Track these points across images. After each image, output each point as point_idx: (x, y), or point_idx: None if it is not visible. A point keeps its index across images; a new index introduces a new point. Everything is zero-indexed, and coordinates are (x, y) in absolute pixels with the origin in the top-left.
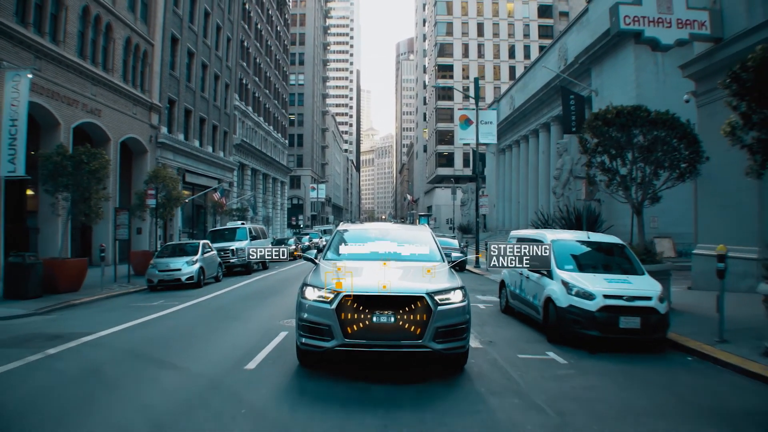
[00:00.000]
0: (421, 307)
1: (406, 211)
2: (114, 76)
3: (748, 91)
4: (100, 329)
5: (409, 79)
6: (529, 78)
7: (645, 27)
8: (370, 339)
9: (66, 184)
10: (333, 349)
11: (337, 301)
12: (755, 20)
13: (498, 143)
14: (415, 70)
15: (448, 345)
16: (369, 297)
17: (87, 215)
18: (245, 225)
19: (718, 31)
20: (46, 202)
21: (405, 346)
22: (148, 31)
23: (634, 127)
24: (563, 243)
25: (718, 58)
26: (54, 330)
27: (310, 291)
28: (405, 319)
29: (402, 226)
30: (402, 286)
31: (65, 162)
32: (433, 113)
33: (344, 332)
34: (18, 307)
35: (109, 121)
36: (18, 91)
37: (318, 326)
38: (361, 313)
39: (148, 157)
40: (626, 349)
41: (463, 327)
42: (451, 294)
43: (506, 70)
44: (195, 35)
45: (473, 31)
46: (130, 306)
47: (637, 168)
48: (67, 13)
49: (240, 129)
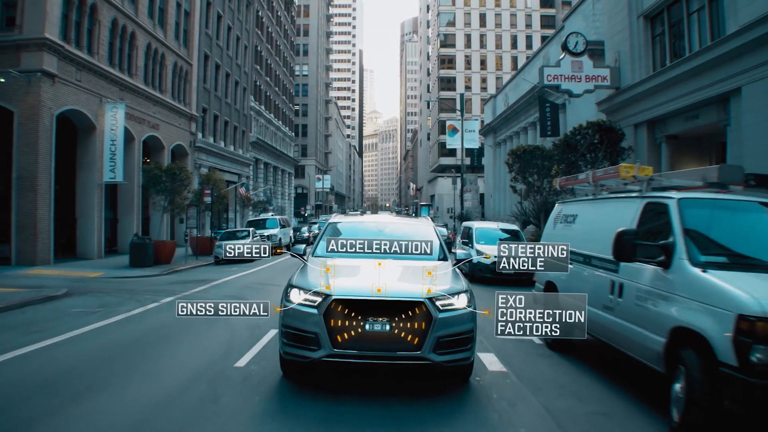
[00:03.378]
0: (421, 313)
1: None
2: (166, 95)
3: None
4: (218, 278)
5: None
6: (520, 79)
7: (561, 82)
8: (363, 349)
9: (162, 190)
10: (320, 361)
11: (325, 305)
12: (636, 78)
13: (494, 136)
14: (420, 55)
15: (450, 357)
16: (361, 302)
17: (174, 211)
18: (275, 216)
19: (616, 82)
20: (150, 201)
21: (401, 358)
22: (188, 54)
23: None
24: (483, 229)
25: (617, 100)
26: (195, 278)
27: (296, 293)
28: (402, 327)
29: (401, 218)
30: (399, 290)
31: (160, 173)
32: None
33: (333, 341)
34: (146, 271)
35: (164, 133)
36: (116, 119)
37: (303, 334)
38: (353, 319)
39: (188, 159)
40: (507, 283)
41: (468, 336)
42: (454, 298)
43: (508, 60)
44: (221, 50)
45: (476, 22)
46: (216, 270)
47: (537, 181)
48: (137, 52)
49: (255, 127)
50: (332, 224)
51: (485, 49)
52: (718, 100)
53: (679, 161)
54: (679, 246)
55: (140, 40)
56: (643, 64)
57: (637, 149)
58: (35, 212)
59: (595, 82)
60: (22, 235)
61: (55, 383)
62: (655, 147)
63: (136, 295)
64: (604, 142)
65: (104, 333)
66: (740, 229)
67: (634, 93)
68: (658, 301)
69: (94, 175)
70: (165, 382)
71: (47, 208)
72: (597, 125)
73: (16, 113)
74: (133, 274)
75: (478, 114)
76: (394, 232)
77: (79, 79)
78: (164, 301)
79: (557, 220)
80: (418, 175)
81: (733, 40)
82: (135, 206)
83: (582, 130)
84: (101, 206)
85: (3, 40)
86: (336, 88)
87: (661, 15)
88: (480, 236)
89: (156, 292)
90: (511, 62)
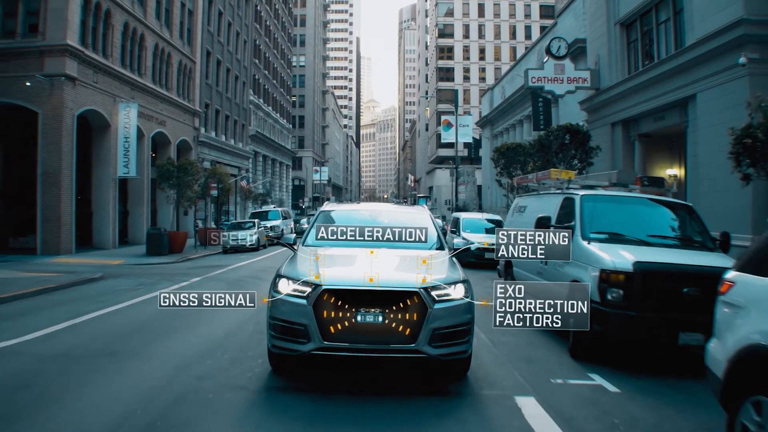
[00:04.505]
0: (415, 304)
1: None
2: (172, 92)
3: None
4: (232, 264)
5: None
6: (516, 72)
7: (545, 84)
8: (354, 342)
9: (174, 184)
10: (310, 354)
11: (315, 296)
12: (614, 80)
13: (492, 128)
14: (418, 45)
15: (446, 350)
16: (353, 292)
17: (185, 203)
18: (277, 208)
19: (596, 83)
20: (161, 195)
21: (395, 351)
22: (191, 52)
23: (516, 155)
24: (469, 219)
25: (596, 100)
26: (210, 264)
27: (284, 284)
28: (395, 318)
29: (396, 206)
30: (392, 279)
31: (172, 168)
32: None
33: (323, 333)
34: (163, 259)
35: (170, 128)
36: (129, 117)
37: (292, 326)
38: (344, 311)
39: (192, 153)
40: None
41: (465, 329)
42: (450, 289)
43: (507, 50)
44: (222, 46)
45: (474, 12)
46: (226, 258)
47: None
48: (146, 52)
49: (254, 120)
50: (324, 212)
51: (484, 40)
52: (680, 104)
53: (651, 157)
54: (577, 227)
55: (149, 41)
56: (619, 68)
57: (613, 146)
58: (59, 206)
59: (576, 83)
60: (46, 227)
61: (141, 329)
62: (629, 144)
63: (165, 277)
64: (573, 142)
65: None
66: (620, 216)
67: (611, 94)
68: (564, 265)
69: (109, 171)
70: (214, 333)
71: (69, 201)
72: (566, 128)
73: (40, 114)
74: (152, 262)
75: (477, 105)
76: (388, 221)
77: (95, 80)
78: (193, 281)
79: (514, 210)
80: (416, 166)
81: (690, 52)
82: (145, 200)
83: (554, 132)
84: (115, 200)
85: (27, 45)
86: (333, 77)
87: (635, 23)
88: (466, 226)
89: (182, 275)
90: (510, 52)
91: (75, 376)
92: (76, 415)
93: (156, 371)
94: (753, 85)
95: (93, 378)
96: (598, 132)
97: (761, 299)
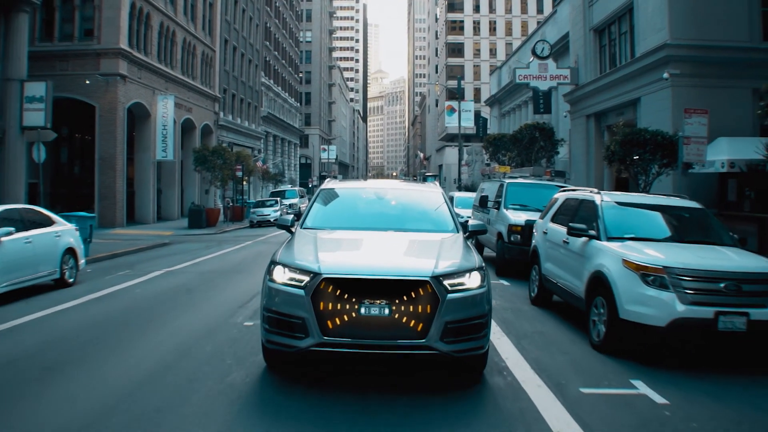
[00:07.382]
0: (426, 294)
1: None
2: (196, 81)
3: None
4: (266, 234)
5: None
6: (522, 54)
7: (530, 81)
8: (357, 337)
9: (210, 167)
10: (308, 350)
11: (313, 286)
12: (588, 78)
13: (500, 107)
14: (428, 15)
15: (460, 346)
16: (356, 281)
17: (216, 183)
18: (294, 188)
19: (575, 80)
20: (188, 176)
21: (403, 348)
22: (211, 42)
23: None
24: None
25: (576, 94)
26: (247, 234)
27: (279, 271)
28: (403, 311)
29: (406, 183)
30: (400, 266)
31: (208, 153)
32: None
33: (323, 328)
34: (204, 230)
35: (196, 115)
36: (166, 108)
37: (288, 319)
38: (346, 302)
39: (213, 137)
40: None
41: (482, 322)
42: (465, 277)
43: (518, 24)
44: (237, 33)
45: None
46: (255, 231)
47: (511, 159)
48: (176, 47)
49: (265, 101)
50: (325, 190)
51: (494, 14)
52: (632, 104)
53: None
54: (502, 202)
55: (179, 37)
56: (592, 68)
57: (588, 135)
58: (114, 185)
59: (558, 80)
60: (104, 204)
61: (241, 264)
62: (600, 134)
63: (220, 243)
64: (541, 137)
65: (233, 253)
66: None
67: (586, 90)
68: (495, 222)
69: (149, 155)
70: None
71: (122, 182)
72: (534, 126)
73: (97, 108)
74: (197, 233)
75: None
76: (397, 200)
77: (140, 77)
78: (246, 244)
79: (478, 192)
80: (426, 143)
81: (637, 63)
82: (176, 180)
83: (524, 130)
84: (154, 180)
85: (84, 48)
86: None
87: (605, 30)
88: (458, 203)
89: (232, 241)
90: (521, 27)
91: (222, 281)
92: (229, 293)
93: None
94: (675, 95)
95: (230, 283)
96: (577, 122)
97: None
